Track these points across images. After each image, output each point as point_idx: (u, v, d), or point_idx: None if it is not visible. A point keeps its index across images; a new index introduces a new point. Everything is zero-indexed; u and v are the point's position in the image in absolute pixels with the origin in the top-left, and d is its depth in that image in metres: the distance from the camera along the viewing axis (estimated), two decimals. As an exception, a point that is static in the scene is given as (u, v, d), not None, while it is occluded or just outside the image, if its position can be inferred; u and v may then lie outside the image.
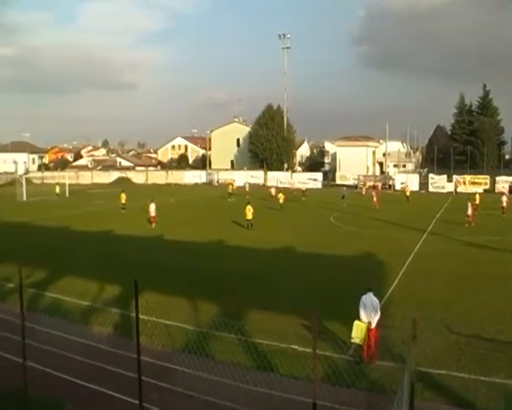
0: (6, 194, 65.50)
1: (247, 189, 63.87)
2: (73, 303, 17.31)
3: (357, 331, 12.21)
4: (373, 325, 12.50)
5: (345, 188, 60.59)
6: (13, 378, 11.23)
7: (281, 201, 48.10)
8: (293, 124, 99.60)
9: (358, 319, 12.52)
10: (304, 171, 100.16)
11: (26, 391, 9.42)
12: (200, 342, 12.54)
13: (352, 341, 12.39)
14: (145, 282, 14.04)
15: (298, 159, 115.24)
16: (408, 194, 58.26)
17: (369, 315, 12.55)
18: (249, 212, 34.95)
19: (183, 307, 17.04)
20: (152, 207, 36.37)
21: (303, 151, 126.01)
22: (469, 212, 36.03)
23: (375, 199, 49.57)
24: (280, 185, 72.34)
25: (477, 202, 43.24)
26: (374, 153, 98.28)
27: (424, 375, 11.06)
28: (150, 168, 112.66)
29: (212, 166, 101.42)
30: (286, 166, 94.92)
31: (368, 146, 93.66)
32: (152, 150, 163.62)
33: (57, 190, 64.70)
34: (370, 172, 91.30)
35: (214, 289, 19.45)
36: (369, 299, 12.76)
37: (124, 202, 46.01)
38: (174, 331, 14.40)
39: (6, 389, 11.17)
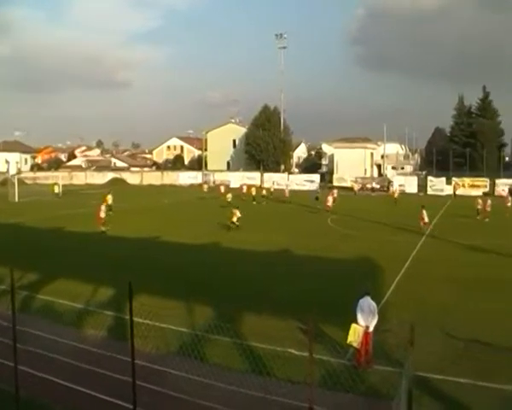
0: (-2, 194, 65.32)
1: (223, 190, 60.41)
2: (66, 306, 17.25)
3: (354, 335, 12.19)
4: (370, 329, 12.51)
5: (318, 190, 58.96)
6: (4, 380, 11.19)
7: (229, 200, 48.30)
8: (289, 125, 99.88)
9: (356, 322, 12.51)
10: (301, 172, 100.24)
11: (18, 393, 9.38)
12: (194, 345, 12.49)
13: (349, 343, 12.37)
14: (140, 283, 14.03)
15: (295, 160, 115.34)
16: (396, 196, 57.96)
17: (366, 319, 12.55)
18: (235, 216, 35.78)
19: (178, 309, 16.99)
20: (102, 208, 36.26)
21: (300, 153, 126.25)
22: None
23: (329, 203, 47.12)
24: (277, 186, 72.46)
25: (479, 206, 42.79)
26: (372, 155, 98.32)
27: (422, 380, 11.04)
28: (145, 169, 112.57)
29: (208, 168, 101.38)
30: (282, 167, 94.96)
31: (366, 148, 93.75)
32: (147, 151, 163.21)
33: (55, 189, 64.51)
34: (368, 175, 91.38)
35: (209, 291, 19.43)
36: (367, 302, 12.76)
37: (110, 203, 44.04)
38: (169, 334, 14.37)
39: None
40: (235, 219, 35.58)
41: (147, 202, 57.13)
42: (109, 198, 44.94)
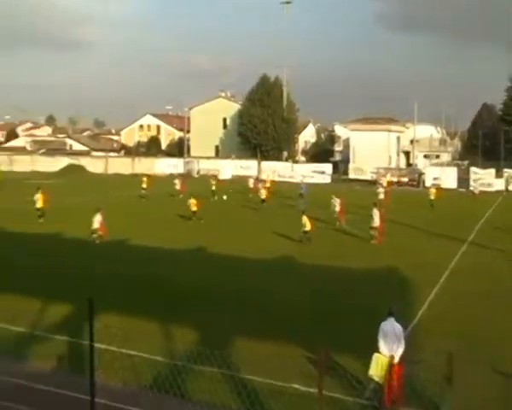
0: None
1: (179, 186, 59.07)
2: (3, 330, 17.07)
3: (377, 367, 12.14)
4: (396, 360, 12.43)
5: (304, 185, 57.62)
6: None
7: (194, 208, 41.12)
8: (295, 101, 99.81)
9: (378, 351, 12.47)
10: (308, 161, 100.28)
11: None
12: (173, 377, 12.46)
13: (370, 377, 12.33)
14: (103, 300, 13.95)
15: (301, 146, 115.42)
16: (433, 197, 53.83)
17: (390, 347, 12.47)
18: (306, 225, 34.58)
19: (153, 332, 16.97)
20: (97, 219, 33.20)
21: (307, 136, 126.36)
22: None
23: (263, 195, 49.27)
24: (279, 179, 72.74)
25: None
26: (398, 139, 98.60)
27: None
28: (111, 154, 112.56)
29: (192, 153, 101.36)
30: (285, 154, 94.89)
31: (390, 131, 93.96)
32: (113, 131, 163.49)
33: None
34: (393, 164, 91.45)
35: (192, 309, 19.43)
36: (391, 326, 12.68)
37: (41, 205, 40.37)
38: (140, 364, 14.32)
39: None
40: (307, 228, 33.37)
41: (113, 195, 56.99)
42: (40, 198, 40.80)
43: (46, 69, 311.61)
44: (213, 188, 57.36)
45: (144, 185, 57.50)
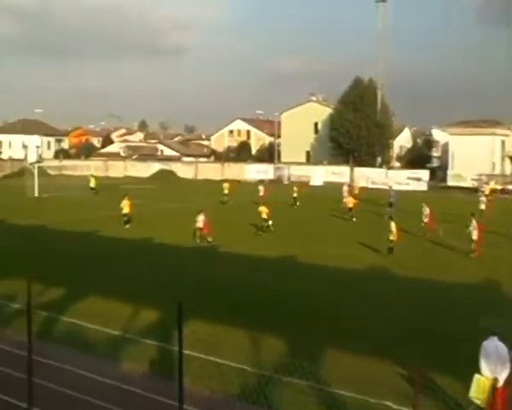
0: (13, 187, 67.96)
1: (262, 192, 58.23)
2: (98, 332, 17.62)
3: (479, 389, 11.66)
4: (500, 383, 11.89)
5: (394, 192, 56.11)
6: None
7: (265, 216, 39.43)
8: (389, 104, 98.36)
9: (479, 372, 11.98)
10: (403, 167, 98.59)
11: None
12: (261, 388, 12.45)
13: (471, 399, 11.88)
14: (191, 305, 14.10)
15: (396, 151, 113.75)
16: None
17: (493, 369, 11.94)
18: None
19: (241, 340, 17.02)
20: (200, 218, 34.88)
21: (403, 141, 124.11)
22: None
23: (350, 203, 47.51)
24: (372, 185, 71.93)
25: None
26: (503, 144, 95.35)
27: None
28: (201, 160, 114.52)
29: (282, 159, 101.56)
30: (379, 160, 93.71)
31: (495, 134, 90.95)
32: (203, 136, 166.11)
33: (92, 183, 66.23)
34: (497, 171, 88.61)
35: (280, 318, 19.40)
36: (494, 346, 12.14)
37: (127, 211, 40.80)
38: (228, 373, 14.36)
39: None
40: (393, 237, 32.16)
41: (201, 202, 57.81)
42: (126, 204, 40.95)
43: (138, 76, 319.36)
44: (295, 195, 56.96)
45: (226, 192, 58.18)
